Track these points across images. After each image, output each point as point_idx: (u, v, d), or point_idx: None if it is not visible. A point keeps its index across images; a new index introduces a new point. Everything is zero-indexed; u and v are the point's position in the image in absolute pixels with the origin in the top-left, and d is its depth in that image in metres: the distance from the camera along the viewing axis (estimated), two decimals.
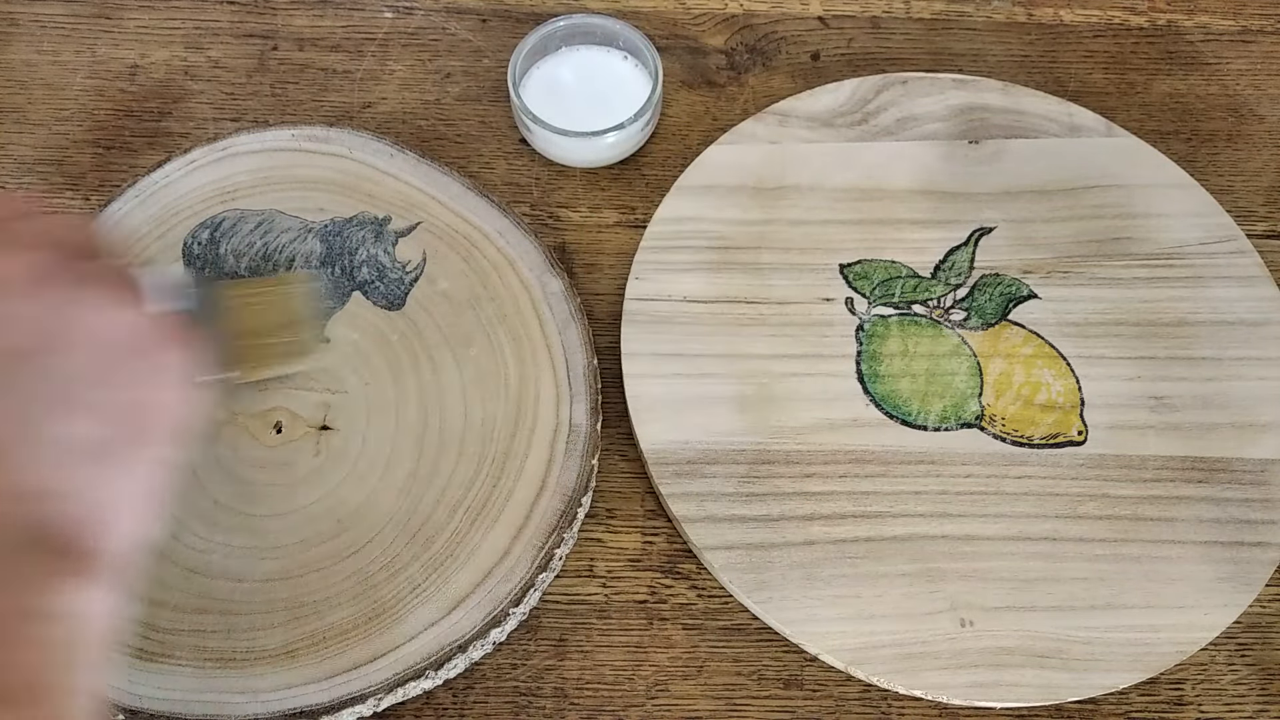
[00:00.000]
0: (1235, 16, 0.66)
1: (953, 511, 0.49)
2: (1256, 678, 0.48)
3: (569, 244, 0.57)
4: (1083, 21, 0.66)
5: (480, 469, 0.49)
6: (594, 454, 0.49)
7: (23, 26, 0.64)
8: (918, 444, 0.51)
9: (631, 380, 0.52)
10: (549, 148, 0.58)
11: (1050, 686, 0.46)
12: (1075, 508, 0.49)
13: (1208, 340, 0.53)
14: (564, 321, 0.52)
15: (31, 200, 0.34)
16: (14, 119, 0.61)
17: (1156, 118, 0.62)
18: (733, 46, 0.64)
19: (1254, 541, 0.49)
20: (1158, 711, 0.47)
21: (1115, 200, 0.57)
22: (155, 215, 0.55)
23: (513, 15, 0.65)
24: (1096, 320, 0.54)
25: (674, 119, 0.61)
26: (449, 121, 0.61)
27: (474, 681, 0.47)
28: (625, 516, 0.51)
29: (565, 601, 0.49)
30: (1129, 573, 0.48)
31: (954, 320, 0.54)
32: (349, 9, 0.65)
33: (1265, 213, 0.59)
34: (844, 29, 0.65)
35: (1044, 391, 0.52)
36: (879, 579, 0.47)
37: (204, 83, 0.62)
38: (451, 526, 0.47)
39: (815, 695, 0.47)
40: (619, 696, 0.47)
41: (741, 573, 0.48)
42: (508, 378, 0.51)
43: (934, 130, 0.59)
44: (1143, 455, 0.51)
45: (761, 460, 0.50)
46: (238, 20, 0.64)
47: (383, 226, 0.55)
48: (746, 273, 0.55)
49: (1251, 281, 0.55)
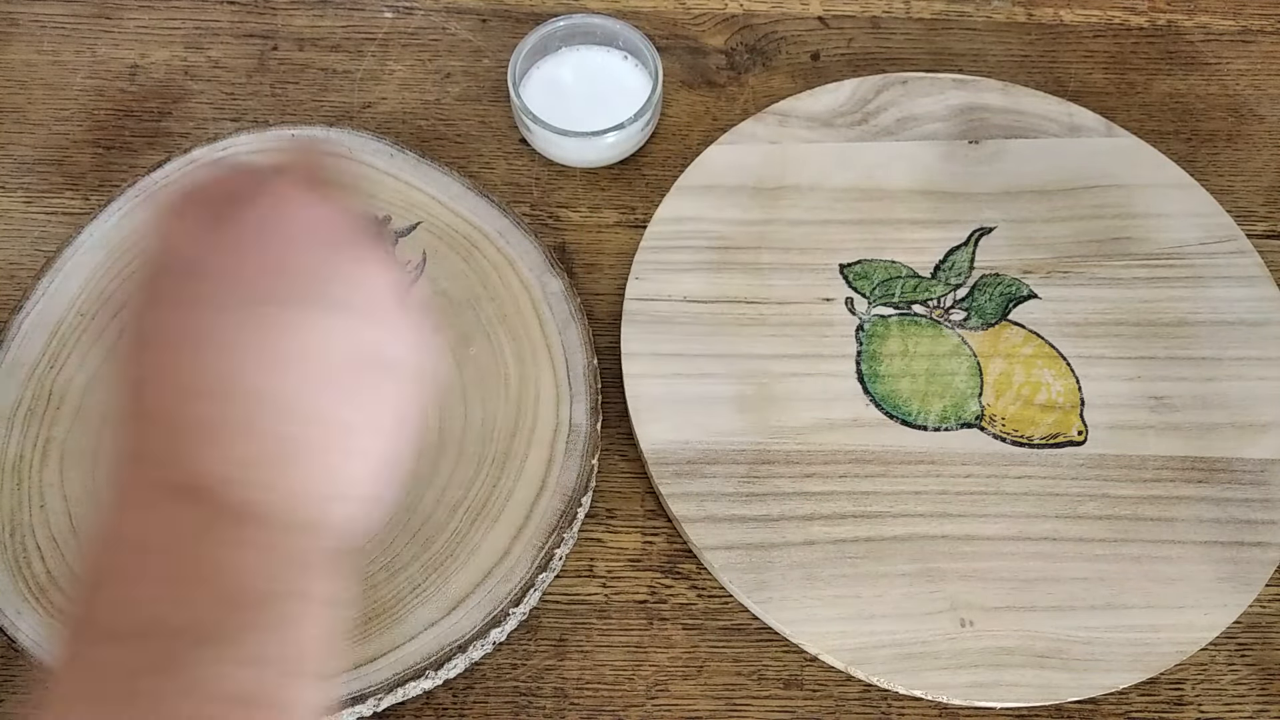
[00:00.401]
0: (1235, 16, 0.66)
1: (953, 511, 0.49)
2: (1256, 678, 0.48)
3: (569, 244, 0.57)
4: (1083, 21, 0.66)
5: (480, 469, 0.49)
6: (594, 454, 0.49)
7: (23, 26, 0.64)
8: (918, 444, 0.51)
9: (631, 380, 0.52)
10: (549, 148, 0.58)
11: (1050, 686, 0.46)
12: (1075, 508, 0.49)
13: (1208, 340, 0.53)
14: (564, 321, 0.52)
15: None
16: (14, 119, 0.61)
17: (1156, 118, 0.62)
18: (733, 46, 0.64)
19: (1254, 541, 0.49)
20: (1158, 711, 0.47)
21: (1115, 200, 0.57)
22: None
23: (513, 15, 0.65)
24: (1096, 320, 0.54)
25: (674, 119, 0.61)
26: (449, 121, 0.61)
27: (474, 681, 0.47)
28: (625, 516, 0.51)
29: (565, 601, 0.49)
30: (1129, 573, 0.48)
31: (954, 320, 0.54)
32: (349, 9, 0.65)
33: (1265, 213, 0.59)
34: (844, 29, 0.65)
35: (1044, 391, 0.52)
36: (879, 579, 0.47)
37: (204, 83, 0.62)
38: (451, 526, 0.47)
39: (815, 695, 0.47)
40: (619, 696, 0.47)
41: (741, 573, 0.47)
42: (508, 378, 0.51)
43: (934, 130, 0.59)
44: (1143, 455, 0.51)
45: (761, 460, 0.50)
46: (238, 20, 0.64)
47: (383, 226, 0.55)
48: (746, 273, 0.55)
49: (1251, 281, 0.55)
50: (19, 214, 0.58)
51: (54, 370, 0.51)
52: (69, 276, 0.53)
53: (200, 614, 0.26)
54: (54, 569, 0.47)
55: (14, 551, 0.47)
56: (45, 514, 0.48)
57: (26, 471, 0.49)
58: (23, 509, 0.48)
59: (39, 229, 0.57)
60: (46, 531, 0.47)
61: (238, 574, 0.27)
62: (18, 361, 0.51)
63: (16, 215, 0.58)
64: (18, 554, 0.47)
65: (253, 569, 0.28)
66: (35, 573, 0.46)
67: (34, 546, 0.47)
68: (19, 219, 0.58)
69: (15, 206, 0.58)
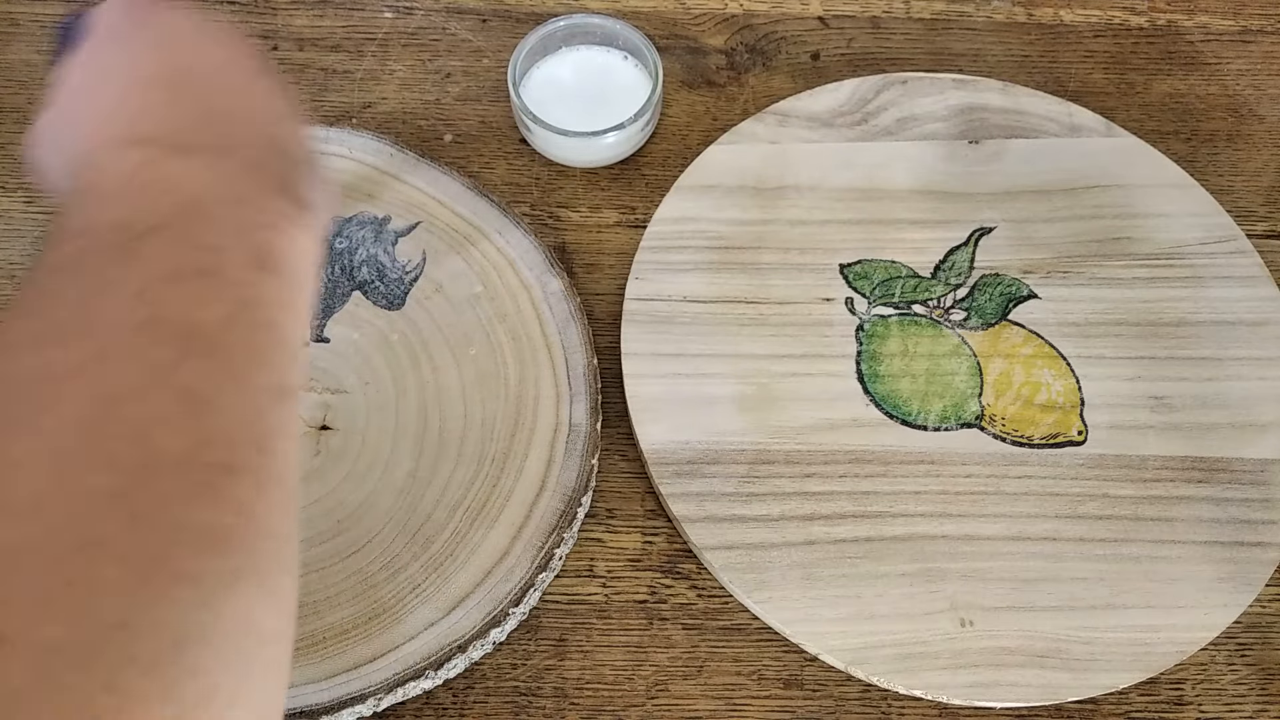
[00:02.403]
0: (1235, 16, 0.66)
1: (953, 511, 0.49)
2: (1256, 678, 0.48)
3: (569, 244, 0.57)
4: (1083, 21, 0.66)
5: (480, 469, 0.49)
6: (594, 454, 0.49)
7: (23, 26, 0.64)
8: (918, 444, 0.51)
9: (631, 380, 0.52)
10: (549, 148, 0.58)
11: (1050, 686, 0.46)
12: (1075, 508, 0.49)
13: (1208, 340, 0.53)
14: (564, 321, 0.52)
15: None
16: (14, 119, 0.61)
17: (1156, 118, 0.62)
18: (733, 46, 0.64)
19: (1254, 541, 0.49)
20: (1158, 711, 0.47)
21: (1115, 200, 0.57)
22: None
23: (513, 15, 0.65)
24: (1096, 320, 0.54)
25: (674, 119, 0.61)
26: (449, 121, 0.61)
27: (474, 681, 0.47)
28: (625, 516, 0.51)
29: (565, 601, 0.49)
30: (1129, 573, 0.48)
31: (954, 320, 0.54)
32: (349, 9, 0.65)
33: (1265, 213, 0.59)
34: (844, 29, 0.65)
35: (1044, 391, 0.52)
36: (879, 579, 0.47)
37: None
38: (451, 526, 0.47)
39: (815, 695, 0.47)
40: (619, 696, 0.47)
41: (741, 573, 0.47)
42: (508, 378, 0.51)
43: (934, 130, 0.59)
44: (1143, 455, 0.51)
45: (761, 460, 0.50)
46: (238, 20, 0.64)
47: (382, 226, 0.55)
48: (746, 273, 0.55)
49: (1251, 281, 0.55)
50: (19, 214, 0.58)
51: None
52: None
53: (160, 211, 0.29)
54: None
55: None
56: None
57: None
58: None
59: (39, 229, 0.57)
60: None
61: (190, 186, 0.30)
62: None
63: (16, 215, 0.58)
64: None
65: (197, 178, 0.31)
66: None
67: None
68: (19, 219, 0.58)
69: (15, 206, 0.58)
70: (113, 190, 0.30)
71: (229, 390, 0.27)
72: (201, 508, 0.24)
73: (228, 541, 0.25)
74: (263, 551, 0.25)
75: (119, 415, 0.25)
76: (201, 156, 0.31)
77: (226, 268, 0.28)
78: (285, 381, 0.29)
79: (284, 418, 0.28)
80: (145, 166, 0.30)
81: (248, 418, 0.27)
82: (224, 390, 0.27)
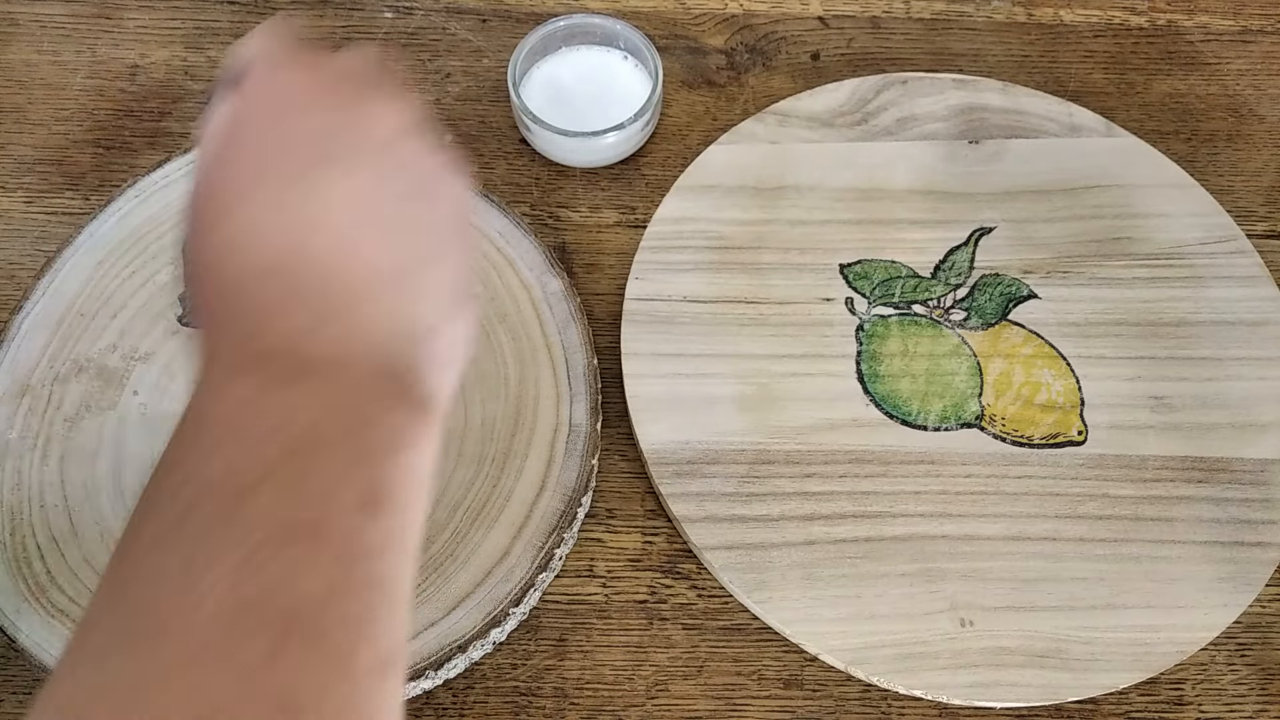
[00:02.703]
0: (1235, 16, 0.66)
1: (953, 511, 0.49)
2: (1256, 678, 0.48)
3: (569, 244, 0.57)
4: (1083, 21, 0.66)
5: (480, 469, 0.49)
6: (594, 454, 0.49)
7: (23, 26, 0.64)
8: (918, 444, 0.51)
9: (631, 380, 0.52)
10: (549, 148, 0.58)
11: (1050, 686, 0.46)
12: (1075, 508, 0.49)
13: (1208, 340, 0.53)
14: (564, 321, 0.52)
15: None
16: (14, 119, 0.61)
17: (1156, 118, 0.62)
18: (733, 46, 0.64)
19: (1254, 541, 0.49)
20: (1158, 711, 0.47)
21: (1115, 200, 0.57)
22: (155, 215, 0.55)
23: (513, 15, 0.65)
24: (1096, 320, 0.54)
25: (674, 119, 0.61)
26: (449, 121, 0.61)
27: (474, 681, 0.47)
28: (625, 516, 0.51)
29: (565, 601, 0.49)
30: (1129, 573, 0.48)
31: (954, 320, 0.54)
32: (349, 9, 0.65)
33: (1265, 213, 0.59)
34: (844, 29, 0.65)
35: (1044, 391, 0.52)
36: (879, 579, 0.47)
37: (204, 83, 0.62)
38: (451, 526, 0.47)
39: (815, 695, 0.47)
40: (619, 696, 0.47)
41: (741, 573, 0.48)
42: (507, 378, 0.51)
43: (934, 130, 0.59)
44: (1143, 455, 0.51)
45: (761, 460, 0.50)
46: (238, 20, 0.64)
47: None
48: (746, 273, 0.55)
49: (1251, 281, 0.55)
50: (19, 214, 0.58)
51: (54, 370, 0.51)
52: (69, 276, 0.53)
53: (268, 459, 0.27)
54: (54, 569, 0.47)
55: (14, 551, 0.47)
56: (45, 514, 0.48)
57: (26, 471, 0.49)
58: (23, 509, 0.48)
59: (39, 229, 0.57)
60: (46, 531, 0.47)
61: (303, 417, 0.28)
62: (17, 361, 0.51)
63: (16, 215, 0.58)
64: (18, 554, 0.47)
65: (321, 409, 0.28)
66: (35, 572, 0.46)
67: (34, 546, 0.47)
68: (19, 219, 0.58)
69: (15, 206, 0.58)
70: (221, 429, 0.28)
71: (330, 685, 0.25)
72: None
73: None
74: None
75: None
76: (317, 376, 0.29)
77: (334, 518, 0.27)
78: (391, 654, 0.27)
79: (386, 697, 0.26)
80: (255, 402, 0.28)
81: (346, 710, 0.25)
82: (326, 690, 0.25)
